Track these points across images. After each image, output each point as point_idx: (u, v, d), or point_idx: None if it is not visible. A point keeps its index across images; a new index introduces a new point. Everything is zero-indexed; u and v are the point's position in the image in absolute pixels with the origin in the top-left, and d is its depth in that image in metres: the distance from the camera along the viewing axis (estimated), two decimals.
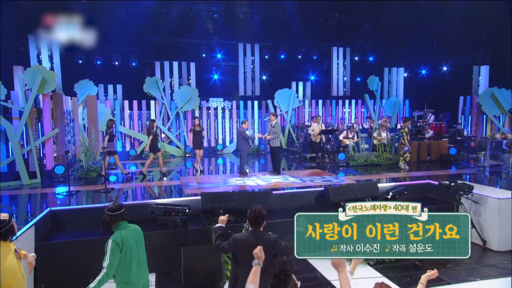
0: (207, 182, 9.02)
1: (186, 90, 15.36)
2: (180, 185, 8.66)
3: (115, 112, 14.82)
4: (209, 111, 16.01)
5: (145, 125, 15.11)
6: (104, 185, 8.10)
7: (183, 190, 8.08)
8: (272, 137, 9.90)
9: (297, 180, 9.09)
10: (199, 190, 7.95)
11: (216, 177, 9.86)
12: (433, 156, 12.20)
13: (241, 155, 10.01)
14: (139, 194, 8.26)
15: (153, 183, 9.03)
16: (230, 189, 8.09)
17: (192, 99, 15.36)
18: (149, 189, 8.42)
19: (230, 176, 9.81)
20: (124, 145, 14.98)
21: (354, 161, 11.45)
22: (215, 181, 9.15)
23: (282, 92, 16.24)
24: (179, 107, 15.24)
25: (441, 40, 17.00)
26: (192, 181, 9.11)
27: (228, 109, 16.12)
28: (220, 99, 16.07)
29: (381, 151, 11.88)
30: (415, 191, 8.07)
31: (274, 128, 9.83)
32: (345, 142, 13.23)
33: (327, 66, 19.51)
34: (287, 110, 16.32)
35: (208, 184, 8.72)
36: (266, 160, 14.27)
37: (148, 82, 15.05)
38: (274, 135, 9.82)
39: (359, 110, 17.62)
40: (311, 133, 12.44)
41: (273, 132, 9.81)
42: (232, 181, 9.12)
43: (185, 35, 17.01)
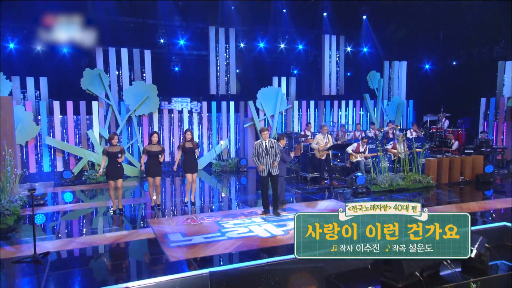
0: (195, 231, 6.98)
1: (140, 87, 13.04)
2: (156, 238, 6.55)
3: (40, 117, 12.12)
4: (172, 115, 13.79)
5: (85, 136, 12.56)
6: (33, 249, 5.73)
7: (164, 250, 6.00)
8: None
9: None
10: (191, 251, 5.92)
11: (201, 218, 7.82)
12: (467, 176, 11.09)
13: (279, 182, 8.19)
14: (87, 267, 6.03)
15: (109, 236, 6.81)
16: (234, 244, 6.18)
17: (150, 100, 13.09)
18: (104, 254, 6.20)
19: (221, 215, 7.84)
20: (54, 164, 12.32)
21: (377, 185, 9.97)
22: (206, 228, 7.13)
23: (266, 91, 14.45)
24: (131, 109, 12.89)
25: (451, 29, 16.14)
26: (172, 229, 7.03)
27: (197, 112, 14.01)
28: (187, 99, 13.90)
29: (406, 171, 10.53)
30: (489, 238, 6.66)
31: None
32: (354, 158, 11.77)
33: (313, 57, 18.09)
34: (272, 113, 14.55)
35: (198, 236, 6.68)
36: (248, 179, 12.47)
37: (87, 76, 12.51)
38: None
39: (357, 113, 16.31)
40: (315, 148, 10.84)
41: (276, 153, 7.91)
42: (230, 226, 7.18)
43: (137, 13, 14.58)
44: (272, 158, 7.64)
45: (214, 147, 14.10)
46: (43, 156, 12.22)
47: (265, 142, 7.67)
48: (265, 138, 7.70)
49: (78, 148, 12.44)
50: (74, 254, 6.09)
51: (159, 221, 7.70)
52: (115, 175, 7.93)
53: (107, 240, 6.56)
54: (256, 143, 7.76)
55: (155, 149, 8.25)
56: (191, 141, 8.69)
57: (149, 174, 8.30)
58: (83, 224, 7.78)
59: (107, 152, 7.92)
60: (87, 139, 12.61)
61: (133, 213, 8.55)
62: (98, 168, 11.94)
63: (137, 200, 9.69)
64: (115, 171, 7.91)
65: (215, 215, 8.03)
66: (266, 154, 7.61)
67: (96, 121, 12.52)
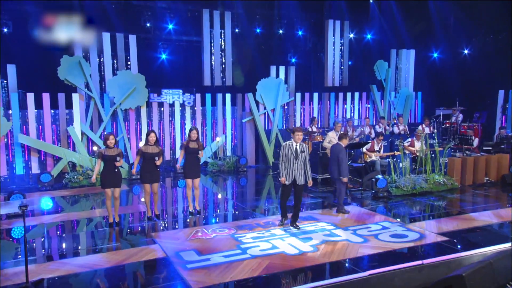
0: (210, 247, 6.39)
1: (126, 77, 12.25)
2: (168, 258, 5.94)
3: (11, 111, 11.20)
4: (162, 109, 13.06)
5: (65, 133, 11.72)
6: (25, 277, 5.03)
7: (181, 273, 5.40)
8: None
9: (350, 234, 6.90)
10: (213, 275, 5.34)
11: (213, 230, 7.22)
12: (491, 177, 10.83)
13: (338, 187, 8.19)
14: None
15: (111, 256, 6.14)
16: (261, 264, 5.65)
17: (137, 92, 12.34)
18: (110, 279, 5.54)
19: (234, 226, 7.27)
20: (29, 165, 11.45)
21: (399, 188, 9.57)
22: (221, 244, 6.54)
23: (266, 83, 13.87)
24: (117, 102, 12.10)
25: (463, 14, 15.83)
26: (183, 245, 6.42)
27: (190, 105, 13.31)
28: (178, 91, 13.15)
29: (429, 171, 10.17)
30: None
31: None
32: (369, 157, 11.36)
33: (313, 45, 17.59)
34: (273, 107, 13.98)
35: (216, 254, 6.09)
36: (250, 181, 11.96)
37: (65, 64, 11.60)
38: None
39: (363, 106, 15.91)
40: (328, 147, 10.41)
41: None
42: (248, 240, 6.63)
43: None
44: (301, 165, 7.08)
45: (210, 144, 13.46)
46: (15, 157, 11.31)
47: (296, 145, 7.09)
48: (298, 140, 7.10)
49: (56, 147, 11.56)
50: (73, 281, 5.40)
51: (165, 235, 7.07)
52: (113, 183, 7.22)
53: (110, 261, 5.88)
54: (285, 144, 7.15)
55: (152, 150, 7.56)
56: (197, 141, 8.06)
57: (145, 181, 7.61)
58: (77, 240, 7.02)
59: (103, 155, 7.19)
60: (67, 136, 11.76)
61: (131, 225, 7.87)
62: (81, 170, 11.18)
63: (129, 209, 8.97)
64: (112, 178, 7.20)
65: (228, 226, 7.45)
66: (295, 158, 7.03)
67: (77, 116, 11.65)
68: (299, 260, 5.88)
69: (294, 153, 7.01)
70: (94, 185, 10.78)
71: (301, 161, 7.05)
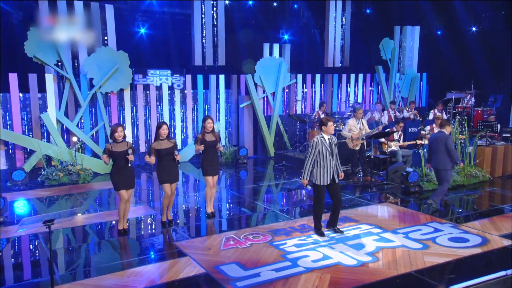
0: (252, 259, 5.95)
1: (106, 55, 11.47)
2: (208, 274, 5.46)
3: None
4: (148, 92, 12.33)
5: (37, 121, 10.80)
6: None
7: None
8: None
9: (403, 239, 6.67)
10: None
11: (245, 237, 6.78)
12: None
13: (442, 179, 8.04)
14: None
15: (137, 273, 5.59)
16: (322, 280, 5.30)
17: (120, 72, 11.62)
18: None
19: (267, 231, 6.86)
20: None
21: (431, 183, 9.45)
22: (263, 254, 6.12)
23: (265, 63, 13.40)
24: (96, 85, 11.29)
25: None
26: (220, 257, 5.95)
27: (179, 88, 12.63)
28: (166, 71, 12.38)
29: None
30: None
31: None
32: (388, 147, 11.23)
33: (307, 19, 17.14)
34: (274, 90, 13.54)
35: (263, 267, 5.67)
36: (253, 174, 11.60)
37: (33, 38, 10.63)
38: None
39: (367, 89, 15.75)
40: (347, 136, 10.19)
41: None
42: (292, 249, 6.25)
43: None
44: (334, 160, 6.69)
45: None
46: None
47: (328, 138, 6.68)
48: (329, 132, 6.69)
49: (28, 138, 10.64)
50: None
51: (191, 244, 6.56)
52: (127, 183, 6.59)
53: (139, 279, 5.32)
54: (317, 140, 6.58)
55: (166, 145, 6.97)
56: (212, 133, 7.53)
57: (165, 180, 7.01)
58: (85, 254, 6.37)
59: (110, 152, 6.53)
60: (40, 125, 10.85)
61: (143, 232, 7.26)
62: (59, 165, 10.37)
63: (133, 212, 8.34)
64: (126, 178, 6.57)
65: (260, 231, 7.02)
66: (331, 154, 6.62)
67: (52, 100, 10.75)
68: (363, 273, 5.55)
69: (329, 148, 6.59)
70: (77, 183, 10.15)
71: (336, 156, 6.69)
